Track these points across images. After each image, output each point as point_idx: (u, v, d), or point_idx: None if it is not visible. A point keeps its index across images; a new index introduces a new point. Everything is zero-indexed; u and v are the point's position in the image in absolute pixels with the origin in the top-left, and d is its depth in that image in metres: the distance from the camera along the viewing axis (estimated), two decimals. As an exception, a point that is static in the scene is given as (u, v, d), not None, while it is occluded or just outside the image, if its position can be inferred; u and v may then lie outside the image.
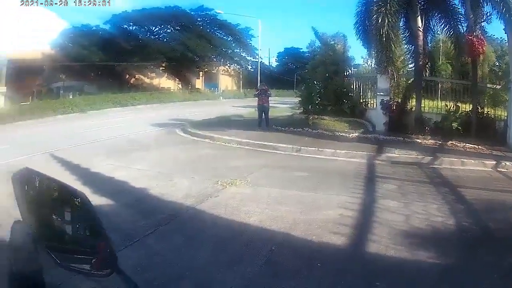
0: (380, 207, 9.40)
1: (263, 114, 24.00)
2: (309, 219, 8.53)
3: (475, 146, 17.04)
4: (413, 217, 8.63)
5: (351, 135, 20.51)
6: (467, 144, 17.32)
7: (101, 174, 13.05)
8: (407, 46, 23.43)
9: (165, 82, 72.51)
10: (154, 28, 71.33)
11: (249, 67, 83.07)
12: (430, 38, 24.25)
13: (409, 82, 23.91)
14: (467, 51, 19.63)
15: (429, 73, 24.70)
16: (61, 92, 58.79)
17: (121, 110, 44.93)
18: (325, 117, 24.06)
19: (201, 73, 77.93)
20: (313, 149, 17.02)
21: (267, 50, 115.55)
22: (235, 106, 44.15)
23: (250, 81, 72.28)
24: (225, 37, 76.15)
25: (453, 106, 20.89)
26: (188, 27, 69.24)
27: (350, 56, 30.35)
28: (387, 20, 19.37)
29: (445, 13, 21.24)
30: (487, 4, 19.49)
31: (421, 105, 21.28)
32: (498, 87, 22.02)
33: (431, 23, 22.35)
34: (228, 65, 79.75)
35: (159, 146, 19.50)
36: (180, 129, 24.82)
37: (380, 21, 19.41)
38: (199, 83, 77.58)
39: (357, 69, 30.75)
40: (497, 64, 43.37)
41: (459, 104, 21.01)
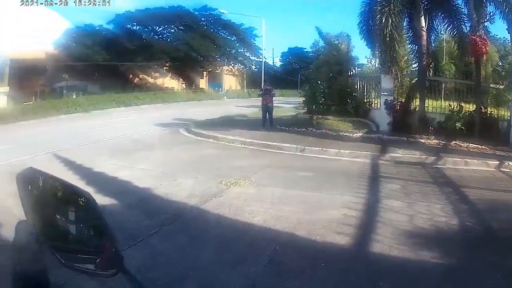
0: (384, 207, 9.40)
1: (267, 114, 23.99)
2: (313, 219, 8.54)
3: (478, 146, 17.03)
4: (416, 217, 8.62)
5: (355, 135, 20.50)
6: (470, 144, 17.31)
7: (105, 174, 13.07)
8: (410, 46, 23.43)
9: (169, 82, 72.40)
10: (157, 28, 71.09)
11: (253, 67, 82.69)
12: (433, 38, 24.17)
13: (412, 82, 23.90)
14: (470, 51, 19.62)
15: (433, 73, 24.67)
16: (64, 91, 58.61)
17: (124, 110, 44.87)
18: (329, 117, 24.02)
19: (205, 73, 77.69)
20: (317, 149, 17.01)
21: (271, 50, 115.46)
22: (239, 106, 44.03)
23: (254, 81, 71.93)
24: (229, 37, 75.89)
25: (456, 106, 20.84)
26: (192, 27, 69.03)
27: (354, 56, 30.25)
28: (391, 20, 19.36)
29: (448, 13, 21.19)
30: (490, 4, 19.50)
31: (425, 105, 21.24)
32: (501, 87, 21.97)
33: (434, 23, 22.30)
34: (232, 65, 79.43)
35: (163, 146, 19.49)
36: (184, 128, 24.81)
37: (383, 21, 19.41)
38: (203, 83, 77.38)
39: (361, 69, 30.69)
40: (500, 64, 43.30)
41: (462, 104, 20.97)
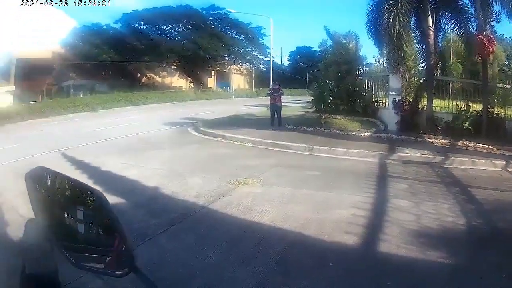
0: (392, 206, 9.42)
1: (275, 113, 23.98)
2: (321, 218, 8.56)
3: (485, 146, 16.98)
4: (424, 216, 8.63)
5: (363, 134, 20.52)
6: (477, 144, 17.25)
7: (113, 173, 13.16)
8: (418, 46, 23.29)
9: (177, 81, 72.44)
10: (165, 27, 71.00)
11: (261, 66, 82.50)
12: (440, 37, 24.08)
13: (420, 81, 23.83)
14: (477, 50, 19.47)
15: (440, 72, 24.55)
16: (72, 91, 58.55)
17: (132, 109, 44.93)
18: (338, 116, 23.97)
19: (213, 72, 77.62)
20: (325, 148, 17.04)
21: (279, 49, 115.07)
22: (247, 105, 43.99)
23: (262, 80, 71.88)
24: (237, 36, 75.76)
25: (464, 106, 20.76)
26: (199, 26, 68.88)
27: (362, 55, 30.05)
28: (399, 19, 19.33)
29: (455, 12, 21.09)
30: (496, 4, 19.42)
31: (433, 105, 21.22)
32: (508, 86, 21.89)
33: (441, 22, 22.20)
34: (240, 64, 79.22)
35: (171, 145, 19.53)
36: (192, 128, 24.87)
37: (391, 20, 19.38)
38: (211, 82, 77.29)
39: (369, 68, 30.48)
40: (506, 63, 43.18)
41: (469, 104, 20.87)
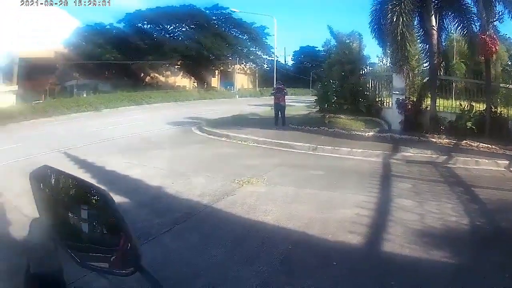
0: (396, 206, 9.43)
1: (279, 112, 24.04)
2: (325, 217, 8.57)
3: (488, 145, 16.94)
4: (427, 216, 8.63)
5: (367, 134, 20.54)
6: (481, 144, 17.21)
7: (117, 172, 13.19)
8: (421, 45, 23.31)
9: (180, 80, 72.52)
10: (169, 26, 71.14)
11: (264, 65, 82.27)
12: (444, 37, 24.10)
13: (424, 81, 23.86)
14: (480, 50, 19.46)
15: (444, 72, 24.60)
16: (75, 90, 58.73)
17: (136, 108, 45.02)
18: (341, 115, 23.99)
19: (216, 71, 77.68)
20: (329, 148, 17.06)
21: (282, 48, 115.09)
22: (251, 105, 43.99)
23: (266, 80, 71.59)
24: (240, 36, 75.93)
25: (467, 106, 20.77)
26: (203, 26, 69.01)
27: (366, 54, 30.10)
28: (402, 19, 19.34)
29: (458, 12, 21.08)
30: (499, 4, 19.43)
31: (436, 104, 21.22)
32: (511, 86, 21.93)
33: (445, 22, 22.19)
34: (244, 63, 79.25)
35: (175, 144, 19.55)
36: (196, 127, 24.91)
37: (395, 20, 19.39)
38: (214, 81, 77.32)
39: (372, 68, 30.50)
40: (509, 63, 43.06)
41: (473, 104, 20.89)
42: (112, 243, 1.78)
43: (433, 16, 20.80)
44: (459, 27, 21.40)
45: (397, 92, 22.07)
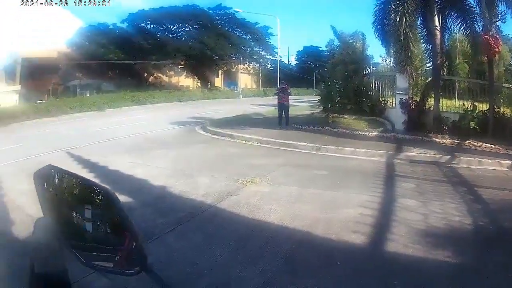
0: (399, 206, 9.41)
1: (283, 112, 24.01)
2: (329, 217, 8.57)
3: (491, 145, 16.94)
4: (431, 216, 8.62)
5: (370, 134, 20.55)
6: (484, 144, 17.22)
7: (121, 172, 13.20)
8: (424, 45, 23.28)
9: (184, 80, 72.52)
10: (172, 26, 71.02)
11: (268, 65, 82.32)
12: (447, 37, 24.11)
13: (427, 81, 23.83)
14: (483, 50, 19.50)
15: (447, 72, 24.62)
16: (78, 90, 58.82)
17: (139, 108, 45.10)
18: (345, 115, 24.02)
19: (220, 71, 77.68)
20: (333, 147, 17.05)
21: (286, 48, 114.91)
22: (255, 105, 44.02)
23: (269, 80, 71.85)
24: (244, 36, 75.67)
25: (470, 106, 20.76)
26: (206, 26, 68.82)
27: (369, 54, 30.08)
28: (405, 19, 19.34)
29: (461, 12, 21.06)
30: (501, 4, 19.42)
31: (439, 104, 21.18)
32: (513, 86, 22.01)
33: (447, 22, 22.14)
34: (247, 63, 79.10)
35: (178, 144, 19.54)
36: (199, 127, 24.92)
37: (398, 20, 19.40)
38: (218, 81, 77.29)
39: (376, 68, 30.47)
40: (512, 63, 43.01)
41: (476, 104, 20.87)
42: (117, 242, 1.78)
43: (436, 16, 20.80)
44: (462, 27, 21.40)
45: (401, 92, 22.04)
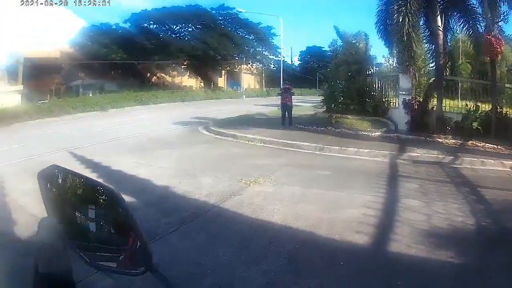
0: (402, 206, 9.42)
1: (286, 112, 24.06)
2: (332, 217, 8.56)
3: (494, 146, 16.90)
4: (434, 216, 8.62)
5: (373, 134, 20.55)
6: (486, 144, 17.19)
7: (124, 172, 13.21)
8: (427, 46, 23.26)
9: (187, 80, 72.60)
10: (175, 26, 71.13)
11: (271, 65, 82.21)
12: (449, 37, 24.06)
13: (430, 81, 23.81)
14: (485, 50, 19.50)
15: (450, 72, 24.61)
16: (81, 90, 58.87)
17: (142, 108, 45.16)
18: (348, 116, 24.01)
19: (223, 71, 77.79)
20: (336, 148, 17.05)
21: (289, 49, 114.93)
22: (258, 105, 44.10)
23: (272, 80, 71.67)
24: (247, 36, 75.81)
25: (473, 106, 20.73)
26: (209, 26, 68.94)
27: (372, 55, 30.09)
28: (408, 19, 19.31)
29: (464, 12, 21.06)
30: (503, 4, 19.38)
31: (442, 105, 21.19)
32: (516, 86, 22.00)
33: (450, 22, 22.15)
34: (251, 63, 79.18)
35: (182, 144, 19.54)
36: (202, 127, 24.97)
37: (401, 20, 19.37)
38: (221, 81, 77.39)
39: (379, 68, 30.45)
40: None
41: (478, 104, 20.87)
42: (122, 242, 1.79)
43: (438, 16, 20.78)
44: (465, 28, 21.40)
45: (404, 92, 22.03)
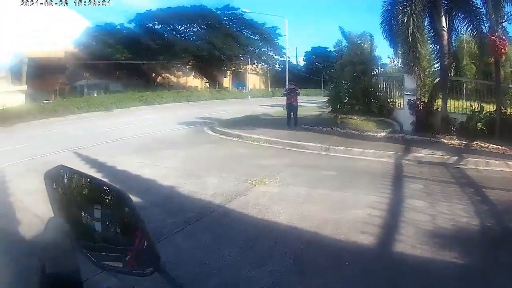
0: (407, 206, 9.41)
1: (291, 113, 24.04)
2: (337, 218, 8.57)
3: (498, 146, 16.88)
4: (439, 217, 8.60)
5: (378, 134, 20.54)
6: (491, 145, 17.17)
7: (129, 172, 13.25)
8: (432, 46, 23.25)
9: (192, 81, 72.76)
10: (180, 27, 71.31)
11: (276, 66, 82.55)
12: (454, 38, 24.02)
13: (435, 82, 23.80)
14: (490, 51, 19.45)
15: (454, 73, 24.55)
16: (86, 90, 59.17)
17: (147, 108, 45.29)
18: (353, 116, 23.99)
19: (228, 72, 77.86)
20: (341, 148, 17.07)
21: (294, 49, 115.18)
22: (263, 105, 44.17)
23: (277, 80, 71.96)
24: (252, 36, 75.82)
25: (477, 107, 20.66)
26: (214, 26, 68.99)
27: (377, 55, 30.03)
28: (413, 20, 19.29)
29: (468, 13, 21.01)
30: (507, 4, 19.36)
31: (447, 105, 21.18)
32: (520, 87, 21.98)
33: (454, 23, 22.12)
34: (256, 64, 79.32)
35: (187, 144, 19.60)
36: (208, 127, 25.02)
37: (405, 21, 19.36)
38: (226, 82, 77.48)
39: (384, 69, 30.40)
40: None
41: (483, 105, 20.83)
42: (129, 242, 1.79)
43: (443, 17, 20.80)
44: (469, 28, 21.33)
45: (409, 93, 22.00)
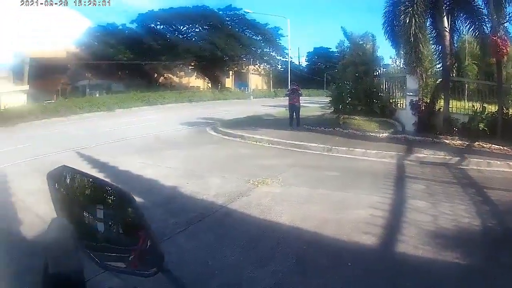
0: (409, 207, 9.42)
1: (294, 113, 24.06)
2: (339, 218, 8.58)
3: (500, 147, 16.85)
4: (440, 217, 8.61)
5: (381, 135, 20.54)
6: (493, 145, 17.15)
7: (131, 172, 13.26)
8: (434, 47, 23.25)
9: (194, 81, 72.66)
10: (182, 27, 71.15)
11: (279, 66, 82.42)
12: (456, 38, 23.97)
13: (437, 82, 23.80)
14: (491, 51, 19.48)
15: (456, 73, 24.54)
16: (88, 90, 59.12)
17: (149, 108, 45.34)
18: (356, 116, 23.97)
19: (230, 72, 77.79)
20: (343, 149, 17.05)
21: (296, 49, 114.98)
22: (266, 106, 44.17)
23: (280, 81, 71.73)
24: (254, 37, 75.72)
25: (479, 107, 20.68)
26: (217, 27, 68.97)
27: (379, 56, 30.01)
28: (415, 20, 19.31)
29: (470, 13, 21.05)
30: (509, 5, 19.36)
31: (449, 106, 21.18)
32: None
33: (456, 23, 22.14)
34: (258, 64, 79.01)
35: (189, 144, 19.62)
36: (210, 127, 25.03)
37: (407, 21, 19.39)
38: (229, 82, 77.48)
39: (386, 69, 30.37)
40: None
41: (485, 105, 20.84)
42: (133, 242, 1.78)
43: (445, 17, 20.75)
44: (471, 29, 21.37)
45: (411, 94, 22.00)
